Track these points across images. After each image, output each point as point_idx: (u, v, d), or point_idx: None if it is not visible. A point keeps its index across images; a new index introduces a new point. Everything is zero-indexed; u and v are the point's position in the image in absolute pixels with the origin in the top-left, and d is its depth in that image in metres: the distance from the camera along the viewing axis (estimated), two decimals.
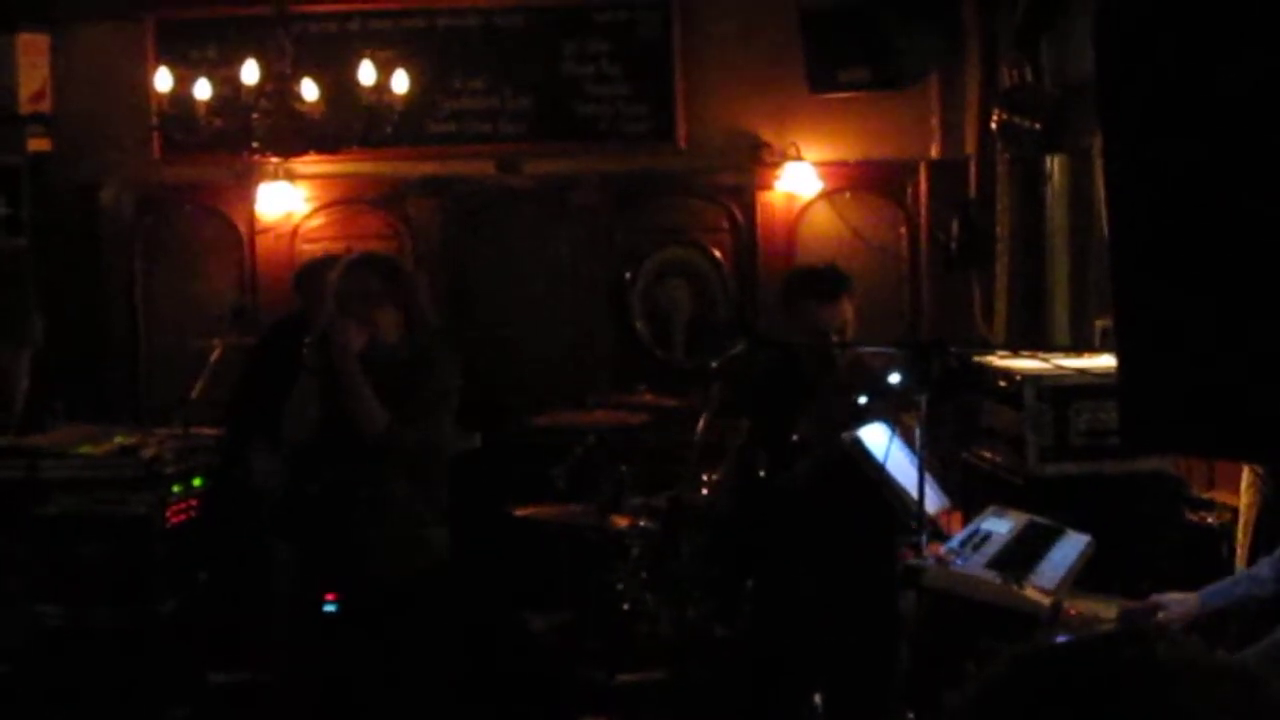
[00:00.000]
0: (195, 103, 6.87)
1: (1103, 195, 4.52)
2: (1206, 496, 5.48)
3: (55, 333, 7.45)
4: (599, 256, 8.59)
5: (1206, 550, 5.20)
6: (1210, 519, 5.31)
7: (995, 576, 4.13)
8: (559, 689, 6.53)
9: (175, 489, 6.40)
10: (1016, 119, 6.99)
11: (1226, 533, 5.14)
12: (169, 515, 6.31)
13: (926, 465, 4.51)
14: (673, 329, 8.61)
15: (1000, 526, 4.62)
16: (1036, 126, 6.90)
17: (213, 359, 7.20)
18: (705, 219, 8.66)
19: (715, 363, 7.65)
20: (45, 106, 8.28)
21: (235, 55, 7.24)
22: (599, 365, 8.51)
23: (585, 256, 8.59)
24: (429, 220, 8.61)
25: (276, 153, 7.31)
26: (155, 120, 8.17)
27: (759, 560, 5.72)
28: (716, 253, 8.60)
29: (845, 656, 5.15)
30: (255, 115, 6.86)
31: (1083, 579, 4.40)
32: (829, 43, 7.94)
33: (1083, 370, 5.26)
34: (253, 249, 8.58)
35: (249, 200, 8.50)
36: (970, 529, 4.63)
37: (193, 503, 6.52)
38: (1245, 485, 4.86)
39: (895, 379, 4.87)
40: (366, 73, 6.91)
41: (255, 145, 7.03)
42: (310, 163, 8.10)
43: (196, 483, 6.58)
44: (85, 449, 6.43)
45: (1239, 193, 2.26)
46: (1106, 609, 4.25)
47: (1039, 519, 4.72)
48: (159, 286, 8.64)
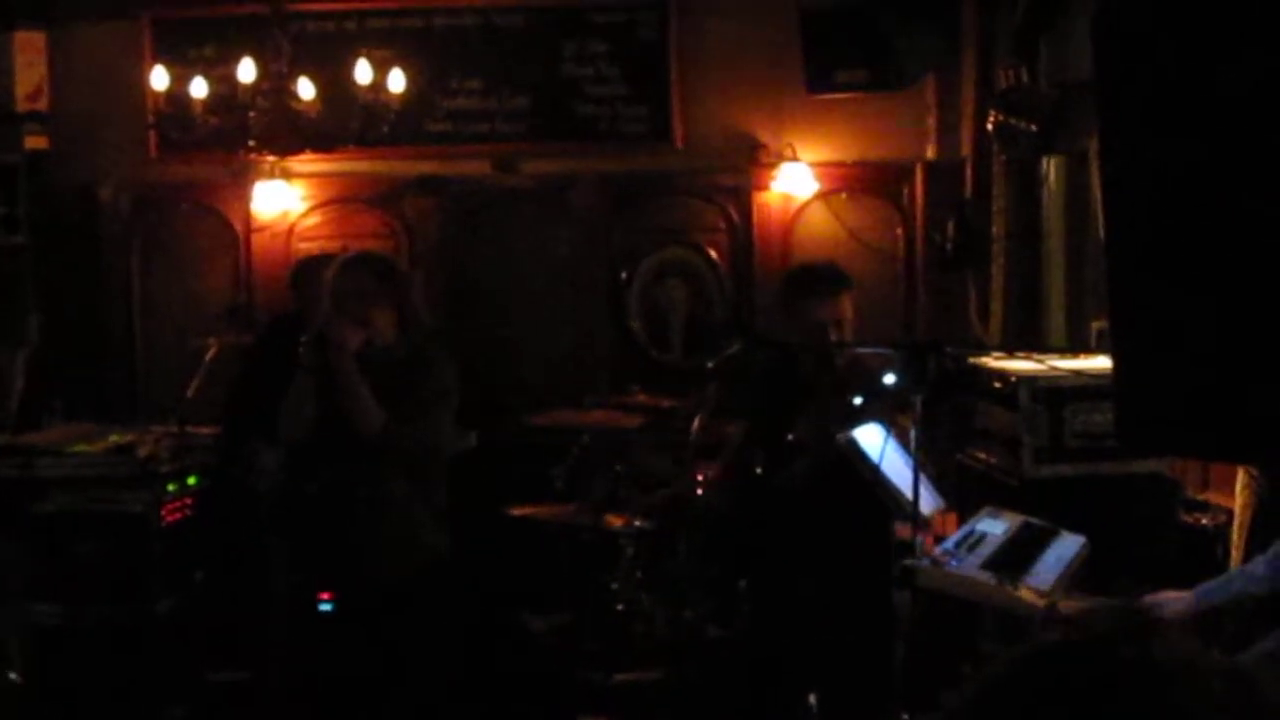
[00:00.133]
0: (192, 101, 6.87)
1: (1099, 197, 4.53)
2: (1201, 498, 5.48)
3: (51, 331, 7.47)
4: (596, 256, 8.59)
5: (1201, 552, 5.20)
6: (1205, 520, 5.31)
7: (990, 577, 4.13)
8: (555, 688, 6.53)
9: (171, 488, 6.40)
10: (1013, 120, 6.99)
11: (1221, 534, 5.14)
12: (165, 514, 6.31)
13: (921, 466, 4.52)
14: (670, 329, 8.61)
15: (995, 527, 4.63)
16: (1033, 128, 6.90)
17: (209, 358, 7.19)
18: (702, 219, 8.66)
19: (712, 363, 7.66)
20: (42, 105, 8.28)
21: (232, 54, 7.24)
22: (596, 365, 8.51)
23: (582, 256, 8.58)
24: (426, 220, 8.61)
25: (273, 151, 7.31)
26: (152, 118, 8.17)
27: (755, 560, 5.72)
28: (713, 253, 8.59)
29: (841, 657, 5.15)
30: (252, 114, 6.86)
31: (1077, 580, 4.40)
32: (827, 43, 7.95)
33: (1078, 372, 5.26)
34: (249, 247, 8.57)
35: (245, 199, 8.49)
36: (965, 530, 4.63)
37: (189, 501, 6.52)
38: (1240, 487, 4.86)
39: (891, 380, 4.87)
40: (363, 72, 6.91)
41: (252, 144, 7.03)
42: (307, 162, 8.10)
43: (192, 481, 6.58)
44: (81, 447, 6.43)
45: (1236, 194, 2.26)
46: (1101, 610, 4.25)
47: (1034, 520, 4.73)
48: (155, 285, 8.63)
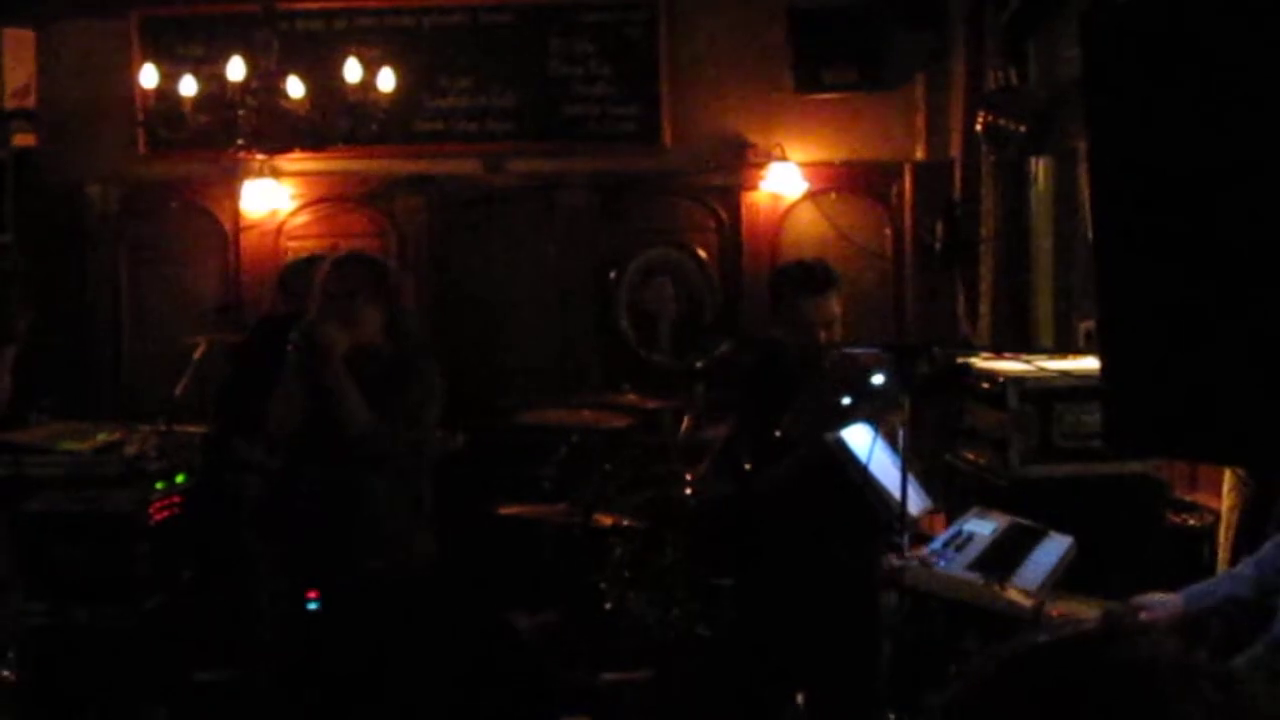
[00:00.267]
0: (181, 99, 6.87)
1: (1087, 197, 4.54)
2: (1189, 499, 5.48)
3: (39, 329, 7.42)
4: (585, 256, 8.59)
5: (1189, 552, 5.20)
6: (1192, 521, 5.32)
7: (978, 578, 4.13)
8: (542, 688, 6.53)
9: (159, 486, 6.39)
10: (1002, 121, 7.00)
11: (1209, 535, 5.15)
12: (152, 512, 6.30)
13: (909, 466, 4.52)
14: (658, 328, 8.60)
15: (983, 528, 4.63)
16: (1021, 129, 6.91)
17: (197, 356, 7.19)
18: (691, 219, 8.66)
19: (700, 363, 7.66)
20: (30, 102, 8.26)
21: (221, 52, 7.24)
22: (585, 364, 8.51)
23: (571, 256, 8.58)
24: (415, 219, 8.60)
25: (262, 150, 7.31)
26: (141, 116, 8.18)
27: (742, 560, 5.72)
28: (702, 253, 8.60)
29: (828, 657, 5.15)
30: (241, 112, 6.86)
31: (1065, 580, 4.41)
32: (816, 43, 7.97)
33: (1066, 372, 5.27)
34: (237, 246, 8.56)
35: (234, 197, 8.48)
36: (953, 530, 4.63)
37: (176, 500, 6.50)
38: (1227, 488, 4.86)
39: (879, 380, 4.87)
40: (352, 70, 6.91)
41: (241, 142, 7.02)
42: (296, 160, 8.10)
43: (180, 480, 6.56)
44: (68, 446, 6.42)
45: (1224, 195, 2.27)
46: (1089, 611, 4.26)
47: (1022, 520, 4.73)
48: (144, 283, 8.62)
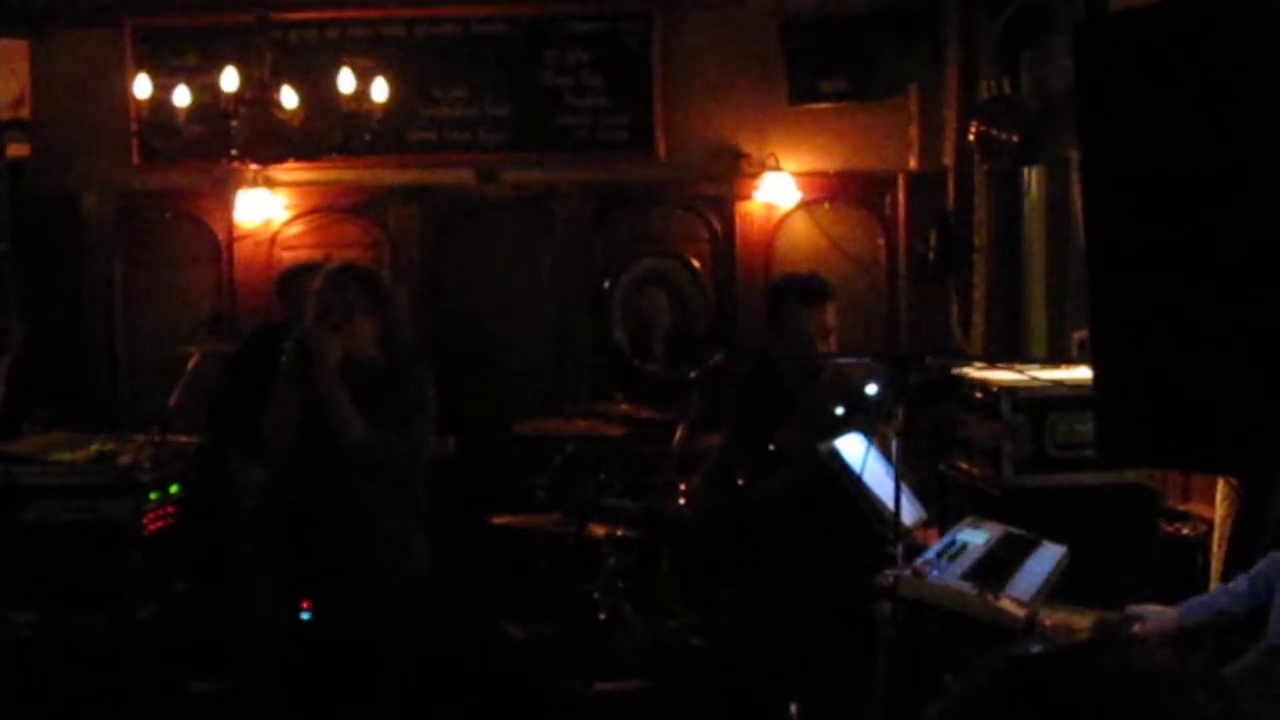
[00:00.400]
0: (175, 109, 6.86)
1: (1080, 207, 4.55)
2: (1182, 508, 5.49)
3: (33, 339, 7.43)
4: (578, 266, 8.59)
5: (1182, 562, 5.21)
6: (1186, 530, 5.32)
7: (971, 587, 4.13)
8: (537, 698, 6.53)
9: (153, 496, 6.39)
10: (995, 131, 7.02)
11: (1202, 544, 5.15)
12: (146, 522, 6.30)
13: (903, 476, 4.52)
14: (652, 339, 8.61)
15: (976, 537, 4.63)
16: (1014, 139, 6.93)
17: (191, 366, 7.19)
18: (684, 229, 8.66)
19: (694, 373, 7.67)
20: (24, 112, 8.25)
21: (215, 62, 7.24)
22: (578, 375, 8.50)
23: (564, 266, 8.59)
24: (408, 228, 8.60)
25: (256, 160, 7.30)
26: (135, 127, 8.17)
27: (737, 570, 5.72)
28: (695, 263, 8.60)
29: (822, 667, 5.16)
30: (234, 122, 6.86)
31: (1058, 590, 4.41)
32: (809, 54, 7.98)
33: (1059, 382, 5.27)
34: (231, 256, 8.56)
35: (228, 207, 8.48)
36: (946, 540, 4.64)
37: (170, 510, 6.51)
38: (1220, 497, 4.87)
39: (872, 390, 4.88)
40: (346, 81, 6.91)
41: (234, 152, 7.02)
42: (289, 170, 8.10)
43: (174, 490, 6.57)
44: (63, 455, 6.42)
45: (1217, 207, 2.28)
46: (1082, 620, 4.26)
47: (1015, 530, 4.73)
48: (138, 293, 8.61)
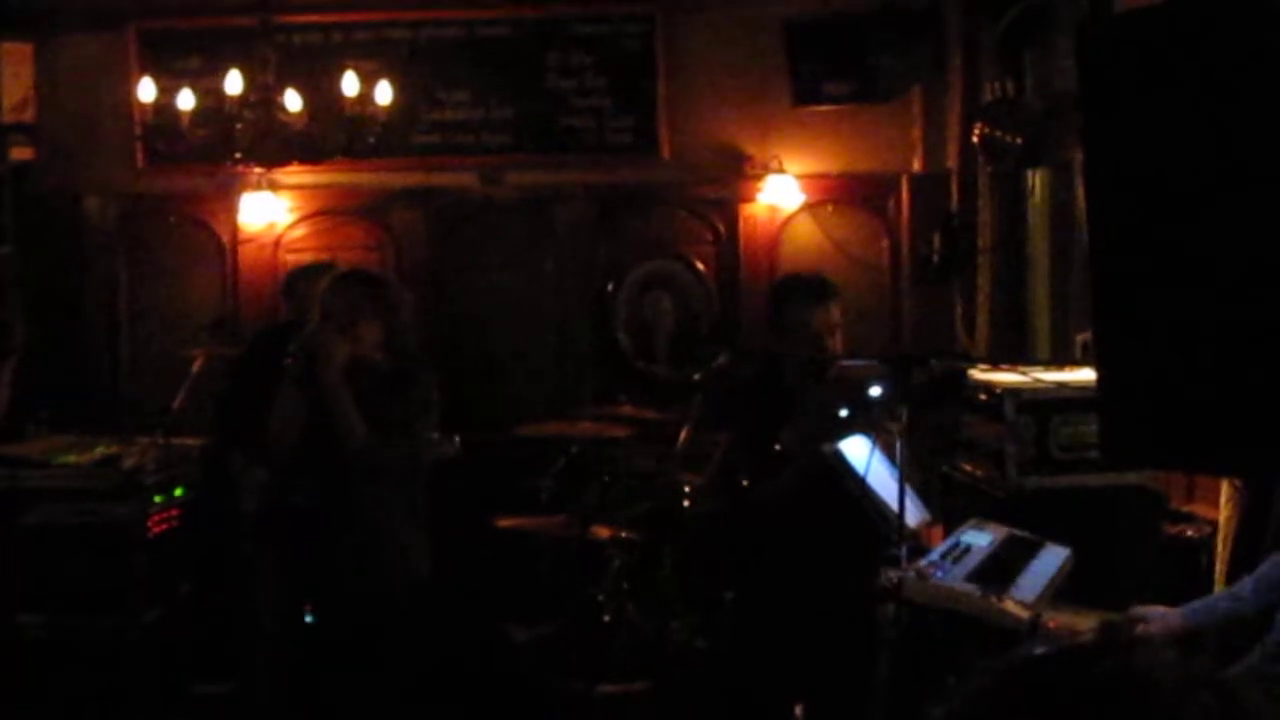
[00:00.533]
0: (179, 113, 6.87)
1: (1084, 209, 4.54)
2: (1186, 510, 5.48)
3: (37, 342, 7.45)
4: (582, 268, 8.60)
5: (1186, 563, 5.20)
6: (1190, 532, 5.31)
7: (975, 589, 4.13)
8: (540, 700, 6.53)
9: (157, 499, 6.39)
10: (998, 133, 7.01)
11: (1206, 546, 5.14)
12: (151, 525, 6.30)
13: (907, 478, 4.52)
14: (656, 341, 8.61)
15: (980, 539, 4.63)
16: (1018, 141, 6.92)
17: (195, 369, 7.19)
18: (688, 231, 8.66)
19: (697, 375, 7.67)
20: (29, 115, 8.27)
21: (219, 66, 7.25)
22: (582, 377, 8.51)
23: (568, 268, 8.59)
24: (412, 231, 8.61)
25: (260, 163, 7.31)
26: (139, 130, 8.18)
27: (741, 572, 5.72)
28: (699, 265, 8.60)
29: (825, 668, 5.15)
30: (238, 125, 6.87)
31: (1062, 592, 4.41)
32: (813, 56, 7.98)
33: (1063, 384, 5.27)
34: (235, 259, 8.57)
35: (232, 210, 8.49)
36: (950, 542, 4.63)
37: (175, 512, 6.51)
38: (1224, 499, 4.87)
39: (876, 391, 4.88)
40: (350, 84, 6.92)
41: (238, 155, 7.02)
42: (293, 173, 8.11)
43: (178, 492, 6.57)
44: (67, 458, 6.42)
45: (1220, 209, 2.28)
46: (1086, 622, 4.26)
47: (1019, 532, 4.73)
48: (142, 296, 8.62)
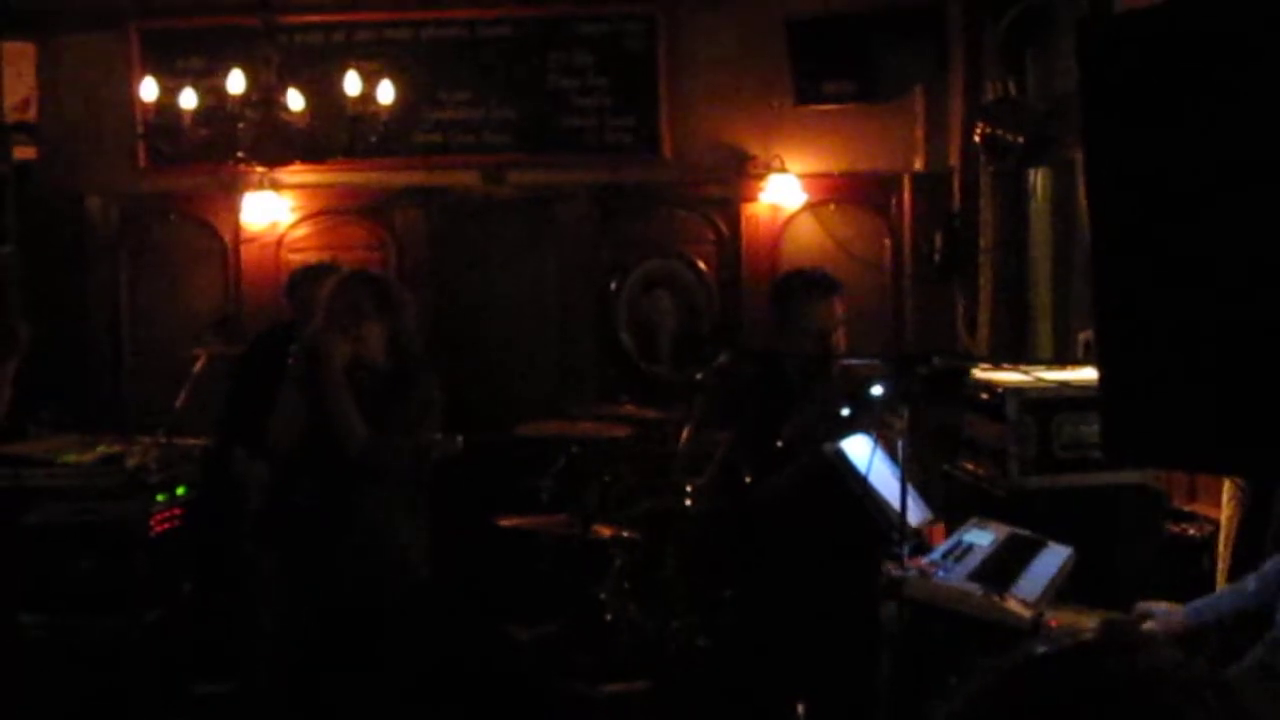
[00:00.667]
0: (181, 112, 6.88)
1: (1085, 208, 4.54)
2: (1188, 509, 5.48)
3: (39, 341, 7.43)
4: (584, 267, 8.60)
5: (1188, 562, 5.20)
6: (1192, 531, 5.32)
7: (977, 588, 4.13)
8: (542, 699, 6.53)
9: (159, 498, 6.39)
10: (1000, 132, 7.01)
11: (1208, 545, 5.15)
12: (153, 524, 6.30)
13: (909, 477, 4.52)
14: (657, 340, 8.61)
15: (982, 538, 4.63)
16: (1019, 140, 6.92)
17: (197, 368, 7.19)
18: (690, 230, 8.67)
19: (699, 374, 7.67)
20: (31, 115, 8.28)
21: (221, 65, 7.26)
22: (584, 376, 8.51)
23: (570, 267, 8.60)
24: (414, 230, 8.62)
25: (262, 162, 7.32)
26: (141, 129, 8.19)
27: (742, 571, 5.72)
28: (701, 264, 8.61)
29: (827, 668, 5.15)
30: (241, 125, 6.88)
31: (1064, 591, 4.41)
32: (815, 56, 7.98)
33: (1065, 383, 5.27)
34: (238, 258, 8.58)
35: (234, 209, 8.50)
36: (952, 541, 4.64)
37: (177, 512, 6.51)
38: (1226, 498, 4.87)
39: (878, 390, 4.88)
40: (352, 83, 6.93)
41: (240, 155, 7.03)
42: (295, 172, 8.12)
43: (181, 492, 6.57)
44: (69, 458, 6.42)
45: (1221, 207, 2.28)
46: (1088, 621, 4.26)
47: (1021, 531, 4.73)
48: (144, 295, 8.63)
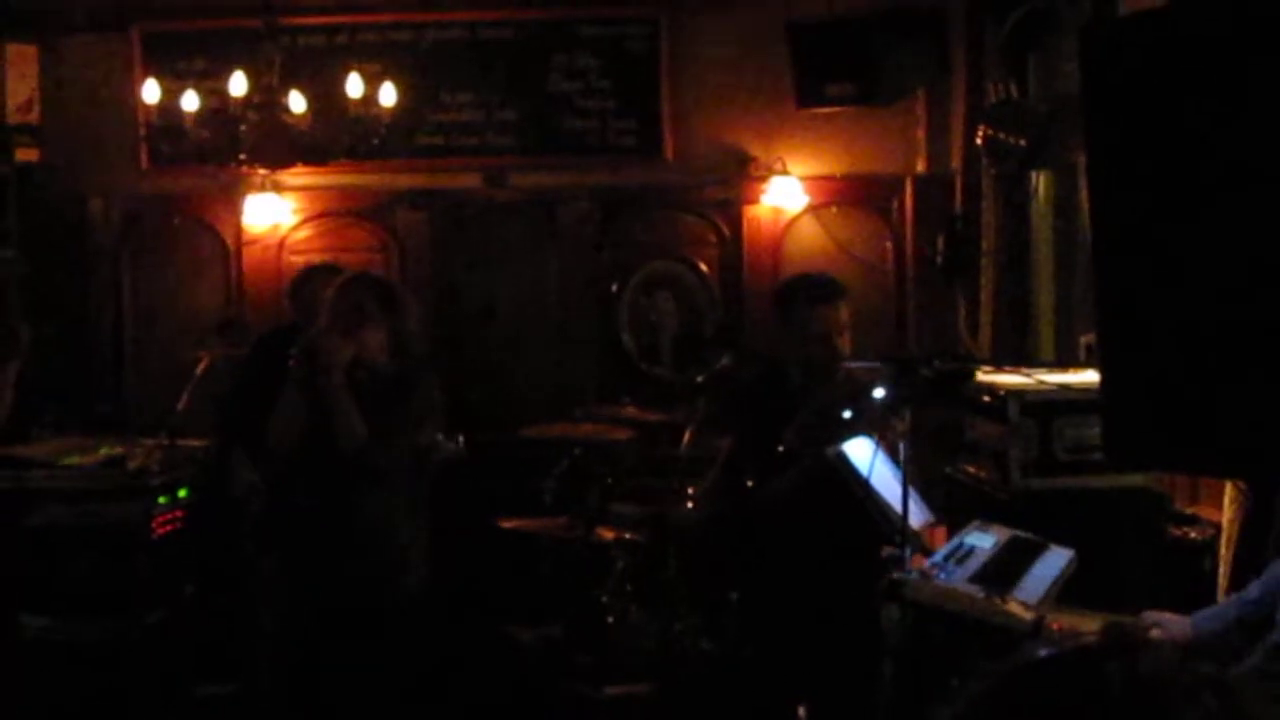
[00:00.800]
0: (183, 114, 6.88)
1: (1088, 211, 4.54)
2: (1190, 512, 5.48)
3: (41, 343, 7.43)
4: (586, 269, 8.60)
5: (1190, 566, 5.20)
6: (1193, 534, 5.31)
7: (978, 591, 4.13)
8: (544, 701, 6.53)
9: (161, 500, 6.40)
10: (1002, 134, 7.01)
11: (1210, 548, 5.14)
12: (155, 526, 6.31)
13: (910, 480, 4.52)
14: (659, 342, 8.61)
15: (984, 541, 4.62)
16: (1022, 142, 6.92)
17: (199, 370, 7.20)
18: (692, 233, 8.67)
19: (701, 376, 7.67)
20: (33, 117, 8.27)
21: (223, 67, 7.26)
22: (586, 378, 8.51)
23: (572, 269, 8.59)
24: (416, 233, 8.62)
25: (264, 164, 7.32)
26: (143, 131, 8.19)
27: (745, 573, 5.72)
28: (703, 267, 8.61)
29: (829, 670, 5.15)
30: (243, 127, 6.87)
31: (1066, 594, 4.40)
32: (816, 58, 7.98)
33: (1067, 385, 5.26)
34: (239, 260, 8.58)
35: (236, 212, 8.49)
36: (954, 543, 4.63)
37: (179, 514, 6.52)
38: (1228, 501, 4.86)
39: (880, 393, 4.87)
40: (354, 85, 6.93)
41: (242, 157, 7.03)
42: (297, 175, 8.11)
43: (182, 494, 6.57)
44: (72, 460, 6.43)
45: (1223, 210, 2.28)
46: (1090, 624, 4.25)
47: (1022, 534, 4.72)
48: (146, 297, 8.63)
